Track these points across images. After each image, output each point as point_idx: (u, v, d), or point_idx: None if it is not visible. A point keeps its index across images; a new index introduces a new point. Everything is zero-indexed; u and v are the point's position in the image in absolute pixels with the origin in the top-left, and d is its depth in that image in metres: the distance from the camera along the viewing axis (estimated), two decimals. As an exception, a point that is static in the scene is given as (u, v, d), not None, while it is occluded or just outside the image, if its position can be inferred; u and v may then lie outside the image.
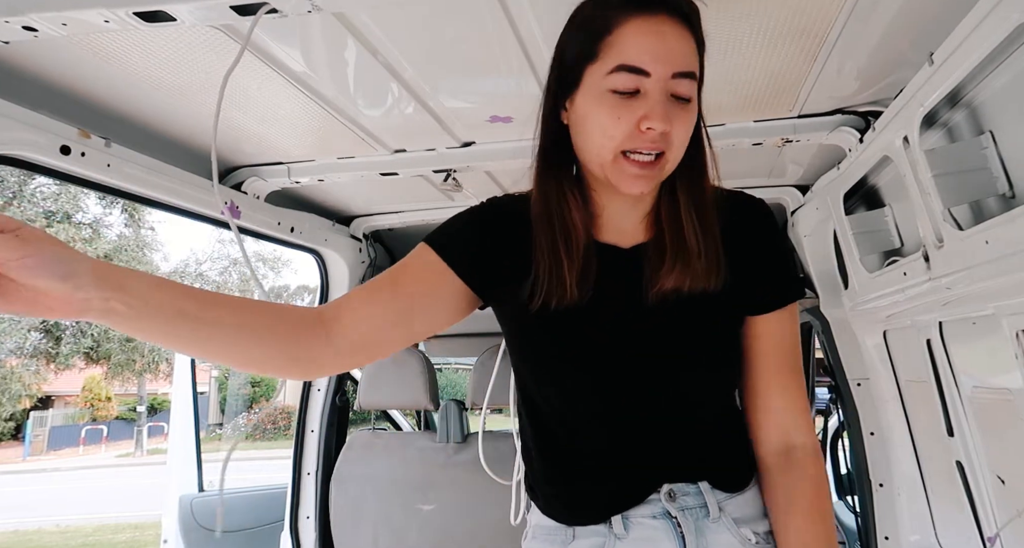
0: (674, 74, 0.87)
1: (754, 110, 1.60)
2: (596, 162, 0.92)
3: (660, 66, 0.86)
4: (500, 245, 1.01)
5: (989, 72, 1.12)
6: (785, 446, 1.03)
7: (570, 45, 0.93)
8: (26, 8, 0.98)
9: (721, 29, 1.22)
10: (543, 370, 1.03)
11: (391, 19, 1.19)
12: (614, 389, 0.99)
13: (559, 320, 0.97)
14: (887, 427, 1.98)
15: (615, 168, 0.90)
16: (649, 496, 0.99)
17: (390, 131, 1.72)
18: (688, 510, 0.98)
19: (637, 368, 0.99)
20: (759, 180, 2.13)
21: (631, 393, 0.99)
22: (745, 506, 1.02)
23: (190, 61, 1.30)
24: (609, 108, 0.87)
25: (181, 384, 3.65)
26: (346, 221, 2.50)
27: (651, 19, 0.87)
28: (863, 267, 1.73)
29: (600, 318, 0.98)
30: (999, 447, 1.37)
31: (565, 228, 0.96)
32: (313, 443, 2.48)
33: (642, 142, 0.88)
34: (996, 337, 1.24)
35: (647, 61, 0.86)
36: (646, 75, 0.86)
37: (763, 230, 1.05)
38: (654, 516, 0.98)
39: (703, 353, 1.01)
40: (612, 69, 0.86)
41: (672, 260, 0.95)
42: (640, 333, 0.98)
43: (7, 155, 1.26)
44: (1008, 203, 1.17)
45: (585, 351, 0.99)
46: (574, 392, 1.01)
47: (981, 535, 1.48)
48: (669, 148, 0.89)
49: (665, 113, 0.86)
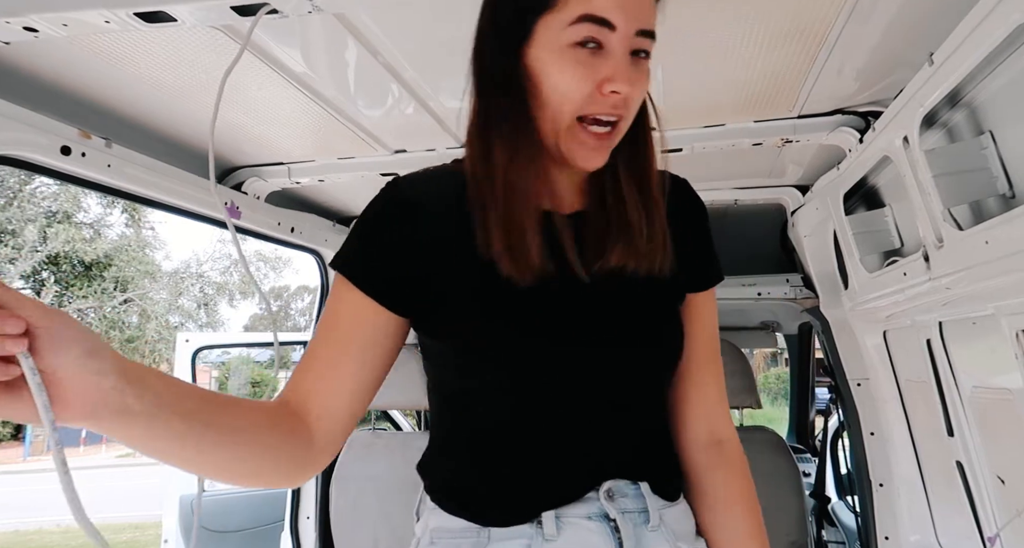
0: (638, 31, 0.80)
1: (754, 110, 1.60)
2: (551, 128, 0.83)
3: (627, 20, 0.78)
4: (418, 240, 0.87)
5: (989, 72, 1.12)
6: (715, 439, 0.98)
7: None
8: (26, 9, 0.98)
9: (721, 29, 1.22)
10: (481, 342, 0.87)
11: (391, 19, 1.19)
12: (556, 365, 0.87)
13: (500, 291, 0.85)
14: (887, 427, 1.98)
15: (570, 137, 0.82)
16: (587, 493, 0.87)
17: (390, 131, 1.72)
18: (628, 514, 0.88)
19: (576, 352, 0.87)
20: (759, 180, 2.13)
21: (573, 371, 0.87)
22: (681, 520, 0.94)
23: (191, 62, 1.30)
24: (572, 64, 0.79)
25: (181, 384, 3.65)
26: (346, 221, 2.50)
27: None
28: (863, 267, 1.73)
29: (544, 290, 0.85)
30: (999, 447, 1.37)
31: (524, 190, 0.84)
32: (313, 443, 2.48)
33: (602, 107, 0.80)
34: (996, 337, 1.24)
35: (614, 12, 0.77)
36: (612, 28, 0.78)
37: (695, 210, 1.01)
38: (590, 517, 0.87)
39: (648, 338, 0.91)
40: (575, 19, 0.77)
41: (616, 234, 0.87)
42: (582, 313, 0.87)
43: (7, 155, 1.26)
44: (1008, 203, 1.18)
45: (527, 325, 0.86)
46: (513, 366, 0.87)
47: (981, 535, 1.48)
48: (626, 115, 0.83)
49: (629, 75, 0.79)
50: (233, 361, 18.04)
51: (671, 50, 1.30)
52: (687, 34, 1.24)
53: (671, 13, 1.17)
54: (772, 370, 21.56)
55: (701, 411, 0.98)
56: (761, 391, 2.41)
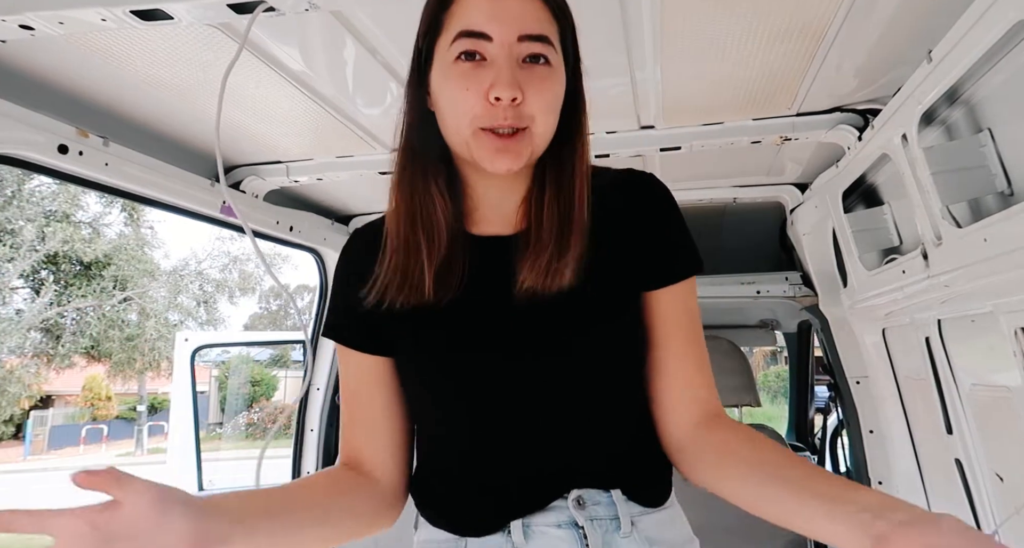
0: (520, 37, 0.81)
1: (753, 108, 1.60)
2: (459, 142, 0.86)
3: (502, 28, 0.81)
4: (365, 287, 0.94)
5: (987, 70, 1.12)
6: (706, 416, 0.94)
7: (422, 22, 0.89)
8: (23, 7, 0.98)
9: (720, 27, 1.22)
10: (421, 373, 0.95)
11: (389, 18, 1.19)
12: (500, 386, 0.91)
13: (429, 319, 0.91)
14: (886, 425, 1.98)
15: (476, 144, 0.84)
16: (554, 502, 0.89)
17: (389, 130, 1.70)
18: (597, 521, 0.88)
19: (515, 369, 0.90)
20: (758, 178, 2.13)
21: (516, 392, 0.90)
22: (661, 527, 0.92)
23: (188, 60, 1.30)
24: (456, 78, 0.82)
25: (181, 383, 3.65)
26: (345, 220, 2.50)
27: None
28: (862, 265, 1.73)
29: (472, 316, 0.91)
30: (998, 445, 1.37)
31: (427, 221, 0.89)
32: (313, 442, 2.48)
33: (496, 118, 0.82)
34: (994, 335, 1.24)
35: (485, 23, 0.81)
36: (488, 39, 0.81)
37: (654, 205, 0.98)
38: (559, 525, 0.88)
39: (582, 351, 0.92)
40: (455, 37, 0.82)
41: (529, 254, 0.89)
42: (513, 330, 0.91)
43: (5, 154, 1.26)
44: (1006, 201, 1.17)
45: (463, 348, 0.92)
46: (455, 393, 0.93)
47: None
48: (530, 120, 0.83)
49: (512, 79, 0.80)
50: (233, 360, 18.04)
51: (670, 48, 1.30)
52: (686, 32, 1.24)
53: (671, 12, 1.17)
54: (771, 368, 21.58)
55: (688, 395, 0.95)
56: (760, 389, 2.41)
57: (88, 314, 17.56)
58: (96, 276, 17.28)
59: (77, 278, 17.19)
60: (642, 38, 1.26)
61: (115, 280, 17.47)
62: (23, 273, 16.35)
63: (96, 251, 16.68)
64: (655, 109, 1.59)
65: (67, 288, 17.05)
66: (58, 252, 16.37)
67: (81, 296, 16.99)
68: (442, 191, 0.91)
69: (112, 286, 17.45)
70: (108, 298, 17.39)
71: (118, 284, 17.58)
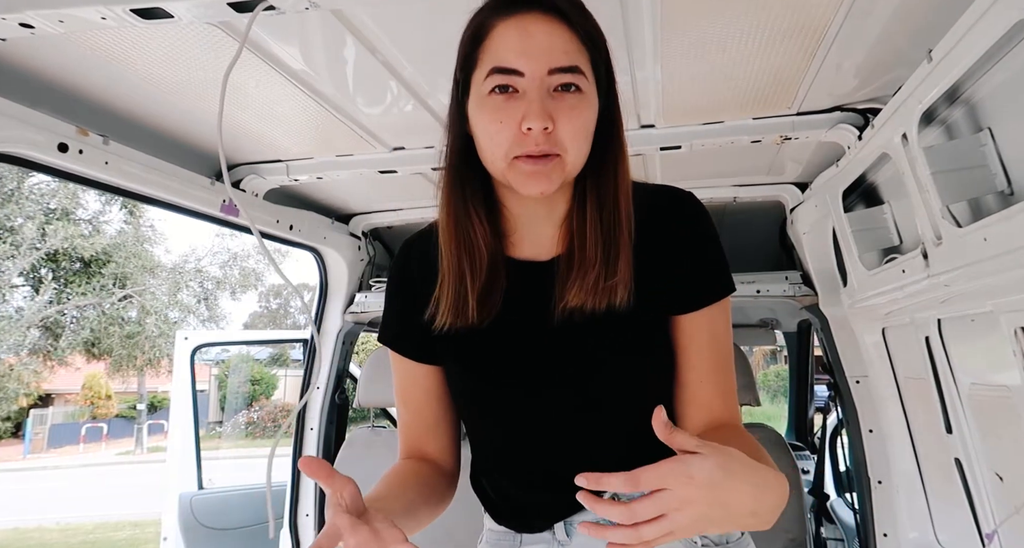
0: (551, 70, 0.85)
1: (753, 107, 1.60)
2: (496, 170, 0.90)
3: (532, 64, 0.84)
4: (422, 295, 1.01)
5: (987, 69, 1.12)
6: (715, 423, 0.97)
7: (459, 56, 0.93)
8: (23, 5, 0.98)
9: (720, 26, 1.22)
10: (466, 392, 1.04)
11: (390, 17, 1.19)
12: (532, 407, 0.98)
13: (473, 342, 0.97)
14: (886, 424, 1.98)
15: (512, 171, 0.88)
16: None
17: (389, 129, 1.72)
18: None
19: (551, 386, 0.96)
20: (758, 178, 2.13)
21: (550, 411, 0.97)
22: None
23: (188, 59, 1.30)
24: (490, 111, 0.86)
25: (181, 382, 3.65)
26: (345, 219, 2.50)
27: (518, 18, 0.86)
28: (862, 264, 1.73)
29: (512, 338, 0.97)
30: (997, 444, 1.38)
31: (469, 245, 0.94)
32: (313, 441, 2.48)
33: (526, 145, 0.85)
34: (994, 334, 1.24)
35: (515, 60, 0.84)
36: (519, 75, 0.85)
37: (689, 226, 0.99)
38: (596, 521, 0.92)
39: (615, 368, 0.97)
40: (488, 72, 0.86)
41: (574, 276, 0.92)
42: (551, 353, 0.96)
43: (5, 152, 1.26)
44: (1007, 200, 1.17)
45: (498, 372, 0.98)
46: (494, 412, 1.02)
47: (979, 532, 1.49)
48: (561, 147, 0.86)
49: (542, 109, 0.83)
50: (233, 359, 18.04)
51: (670, 47, 1.30)
52: (686, 31, 1.24)
53: (671, 11, 1.17)
54: (771, 368, 21.60)
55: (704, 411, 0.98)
56: (760, 389, 2.41)
57: (88, 312, 17.55)
58: (96, 274, 17.27)
59: (77, 276, 17.17)
60: (642, 37, 1.26)
61: (115, 278, 17.45)
62: (22, 271, 16.34)
63: (96, 248, 16.66)
64: (655, 108, 1.59)
65: (67, 286, 17.03)
66: (58, 250, 16.35)
67: (81, 294, 16.98)
68: (481, 216, 0.95)
69: (112, 284, 17.44)
70: (108, 296, 17.38)
71: (118, 282, 17.56)
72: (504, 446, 1.05)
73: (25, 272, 16.51)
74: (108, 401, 24.01)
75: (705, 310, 0.98)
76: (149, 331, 18.14)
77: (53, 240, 15.93)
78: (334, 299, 2.56)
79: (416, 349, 1.05)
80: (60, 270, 17.10)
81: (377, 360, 2.30)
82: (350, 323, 2.56)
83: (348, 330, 2.57)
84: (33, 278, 16.83)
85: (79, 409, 23.94)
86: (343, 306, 2.54)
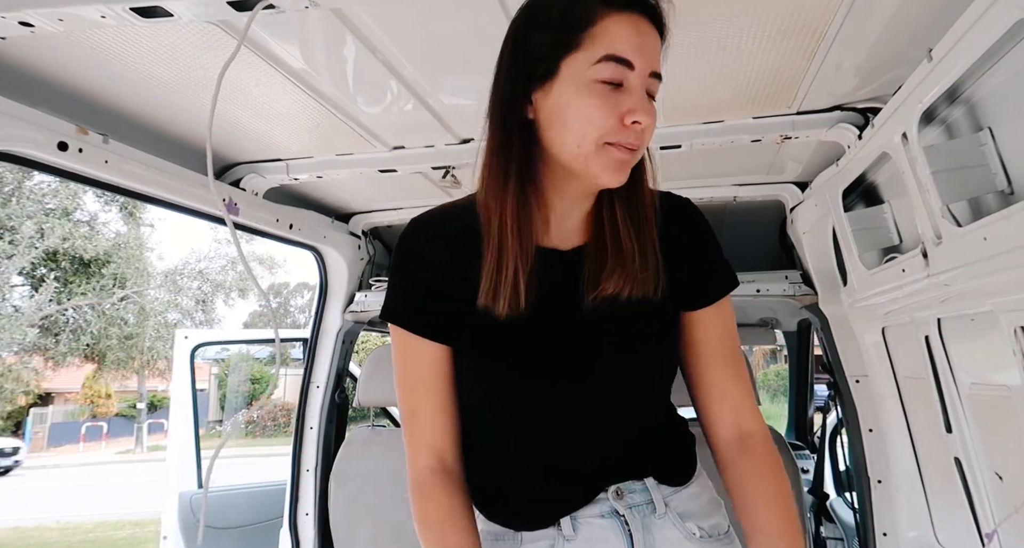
0: (651, 72, 0.89)
1: (753, 107, 1.60)
2: (577, 153, 0.89)
3: (643, 61, 0.88)
4: (442, 275, 0.99)
5: (987, 68, 1.12)
6: (739, 433, 1.05)
7: (536, 37, 0.91)
8: (22, 4, 0.98)
9: (720, 25, 1.21)
10: (486, 380, 1.01)
11: (390, 16, 1.19)
12: (556, 397, 0.99)
13: (501, 329, 0.95)
14: (886, 424, 1.98)
15: (600, 155, 0.89)
16: (597, 496, 1.00)
17: (389, 128, 1.72)
18: (635, 507, 1.00)
19: (579, 375, 0.98)
20: (758, 177, 2.13)
21: (574, 400, 0.98)
22: (690, 501, 1.04)
23: (188, 57, 1.29)
24: (598, 98, 0.87)
25: (180, 381, 3.65)
26: (345, 218, 2.50)
27: (635, 17, 0.88)
28: (862, 264, 1.73)
29: (541, 326, 0.97)
30: (997, 444, 1.38)
31: (518, 233, 0.93)
32: (312, 440, 2.48)
33: (625, 136, 0.88)
34: (994, 334, 1.24)
35: (631, 52, 0.87)
36: (631, 68, 0.87)
37: (693, 228, 1.07)
38: (602, 515, 1.00)
39: (644, 358, 1.01)
40: (599, 59, 0.86)
41: (612, 264, 0.95)
42: (580, 340, 0.98)
43: (4, 151, 1.26)
44: (1007, 199, 1.17)
45: (527, 360, 0.98)
46: (516, 402, 1.00)
47: (979, 531, 1.49)
48: (643, 145, 0.92)
49: (647, 108, 0.89)
50: (232, 358, 18.05)
51: (670, 47, 1.29)
52: (686, 30, 1.24)
53: (671, 10, 1.17)
54: (771, 367, 21.60)
55: (726, 408, 1.06)
56: (760, 388, 2.42)
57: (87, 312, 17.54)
58: (96, 274, 17.27)
59: (76, 276, 17.17)
60: (642, 36, 1.26)
61: (115, 278, 17.45)
62: (22, 270, 16.33)
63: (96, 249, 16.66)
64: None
65: (67, 286, 17.03)
66: (58, 249, 16.35)
67: (80, 294, 16.98)
68: (536, 204, 0.96)
69: (111, 284, 17.44)
70: (108, 296, 17.38)
71: (117, 282, 17.56)
72: (519, 439, 1.02)
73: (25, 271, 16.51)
74: (108, 400, 24.02)
75: (715, 305, 1.05)
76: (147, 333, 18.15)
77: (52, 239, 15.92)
78: (334, 298, 2.56)
79: (430, 327, 1.00)
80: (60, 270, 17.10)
81: (377, 359, 2.30)
82: (350, 322, 2.56)
83: (348, 329, 2.57)
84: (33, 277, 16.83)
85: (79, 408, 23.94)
86: (343, 305, 2.54)
